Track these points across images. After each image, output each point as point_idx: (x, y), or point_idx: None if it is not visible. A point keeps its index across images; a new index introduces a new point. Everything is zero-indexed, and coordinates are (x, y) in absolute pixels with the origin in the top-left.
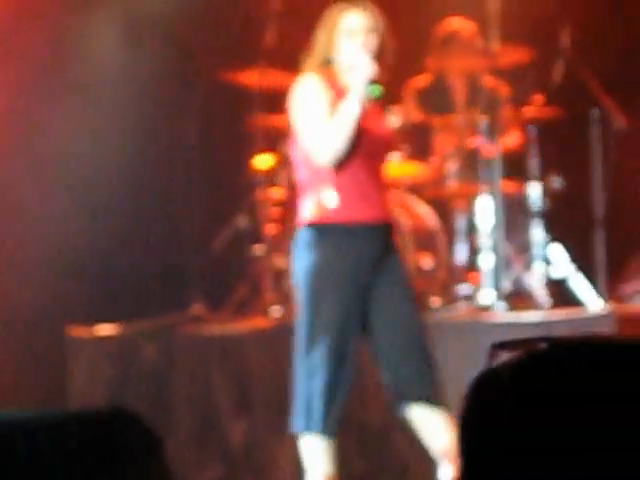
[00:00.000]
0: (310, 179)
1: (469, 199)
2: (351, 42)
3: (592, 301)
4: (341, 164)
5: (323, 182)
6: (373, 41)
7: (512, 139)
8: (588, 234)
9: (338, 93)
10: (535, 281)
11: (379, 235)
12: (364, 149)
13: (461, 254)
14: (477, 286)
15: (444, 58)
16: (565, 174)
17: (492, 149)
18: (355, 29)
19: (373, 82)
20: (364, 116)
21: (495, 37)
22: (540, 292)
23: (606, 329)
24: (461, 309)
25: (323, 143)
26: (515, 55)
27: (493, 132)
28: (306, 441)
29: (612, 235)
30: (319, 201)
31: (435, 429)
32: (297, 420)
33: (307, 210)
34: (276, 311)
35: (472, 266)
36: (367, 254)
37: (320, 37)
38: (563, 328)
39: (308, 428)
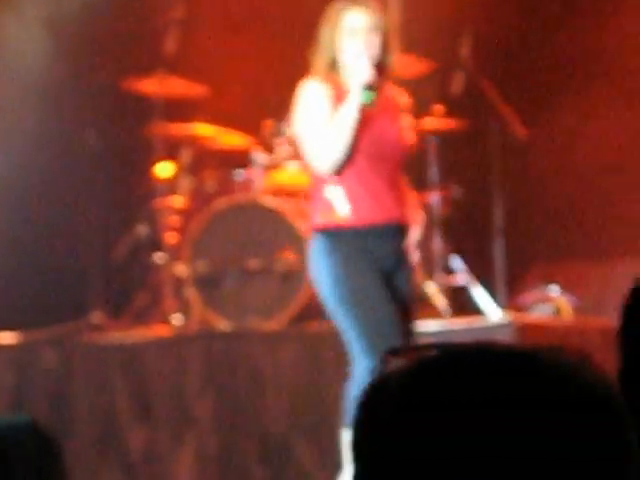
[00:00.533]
0: (320, 184)
1: None
2: (354, 41)
3: (492, 310)
4: (351, 168)
5: (333, 187)
6: (376, 40)
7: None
8: (488, 244)
9: (341, 97)
10: (435, 290)
11: (392, 236)
12: (374, 152)
13: None
14: None
15: None
16: (465, 184)
17: None
18: (357, 28)
19: (369, 88)
20: (373, 119)
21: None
22: (440, 301)
23: (506, 338)
24: None
25: (320, 151)
26: (415, 65)
27: None
28: None
29: (511, 245)
30: (331, 206)
31: None
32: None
33: (319, 216)
34: (176, 319)
35: None
36: (382, 254)
37: (325, 35)
38: (463, 337)
39: None
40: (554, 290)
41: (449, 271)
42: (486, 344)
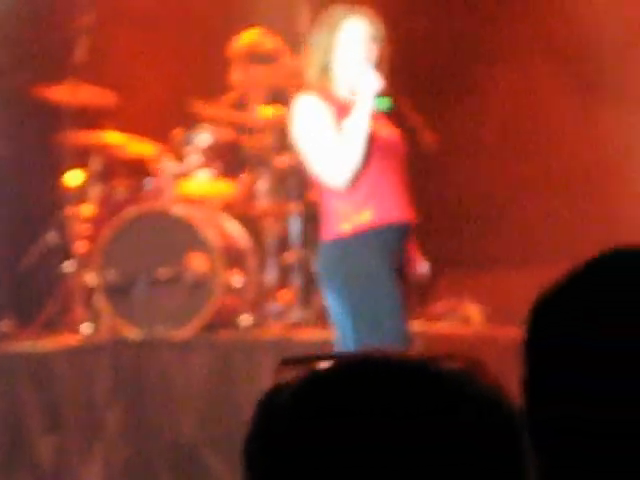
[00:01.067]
0: (333, 193)
1: (280, 217)
2: (355, 51)
3: None
4: (368, 171)
5: (351, 193)
6: (375, 50)
7: None
8: None
9: (339, 109)
10: None
11: (405, 235)
12: (386, 153)
13: (272, 272)
14: (288, 304)
15: (247, 74)
16: None
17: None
18: (358, 38)
19: (380, 95)
20: (376, 123)
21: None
22: None
23: (416, 347)
24: (272, 327)
25: (337, 166)
26: None
27: None
28: None
29: (422, 253)
30: (348, 211)
31: None
32: None
33: (335, 224)
34: (86, 328)
35: (283, 284)
36: (398, 252)
37: (320, 41)
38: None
39: None
40: (465, 299)
41: None
42: (379, 354)
